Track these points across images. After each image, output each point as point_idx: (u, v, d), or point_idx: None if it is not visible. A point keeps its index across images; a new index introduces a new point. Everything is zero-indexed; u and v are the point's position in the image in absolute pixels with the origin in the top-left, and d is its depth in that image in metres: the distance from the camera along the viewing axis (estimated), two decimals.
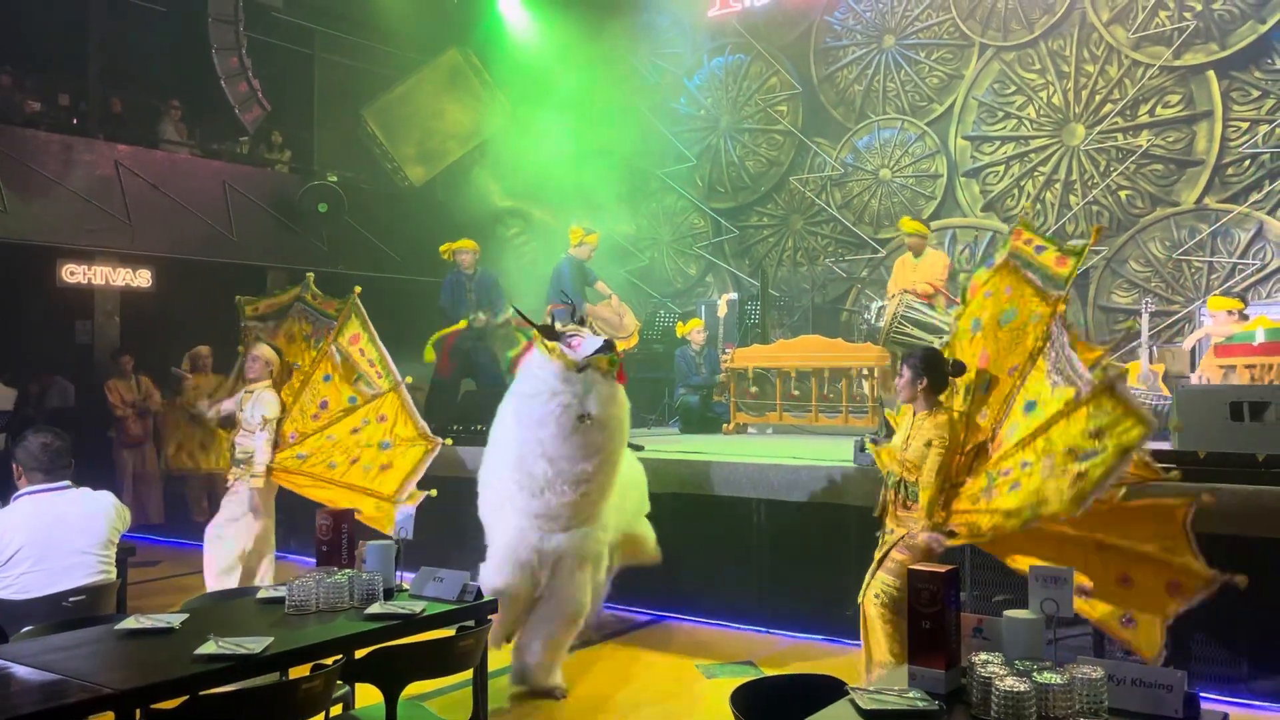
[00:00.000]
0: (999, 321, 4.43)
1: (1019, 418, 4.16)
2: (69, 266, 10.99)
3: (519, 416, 4.74)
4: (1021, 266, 4.44)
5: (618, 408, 4.70)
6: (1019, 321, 4.34)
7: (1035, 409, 4.08)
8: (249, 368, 6.31)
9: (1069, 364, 4.01)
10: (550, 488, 4.68)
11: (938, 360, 4.43)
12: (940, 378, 4.38)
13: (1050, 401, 4.01)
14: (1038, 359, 4.18)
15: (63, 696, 2.69)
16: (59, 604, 3.86)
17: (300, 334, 6.66)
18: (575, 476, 4.66)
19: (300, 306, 6.72)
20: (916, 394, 4.37)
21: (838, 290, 12.60)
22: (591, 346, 4.57)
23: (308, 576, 3.66)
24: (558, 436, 4.56)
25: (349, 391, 6.52)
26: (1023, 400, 4.17)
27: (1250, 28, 10.15)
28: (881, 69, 12.47)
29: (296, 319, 6.69)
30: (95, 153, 10.88)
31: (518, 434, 4.75)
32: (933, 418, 4.31)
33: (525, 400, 4.69)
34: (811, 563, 6.27)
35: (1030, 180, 11.41)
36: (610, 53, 13.40)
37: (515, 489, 4.80)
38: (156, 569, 8.22)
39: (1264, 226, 10.02)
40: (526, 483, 4.72)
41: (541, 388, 4.59)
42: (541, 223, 13.52)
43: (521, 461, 4.70)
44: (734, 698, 2.89)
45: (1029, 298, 4.33)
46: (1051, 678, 2.36)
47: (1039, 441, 3.99)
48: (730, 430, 9.43)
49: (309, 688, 2.97)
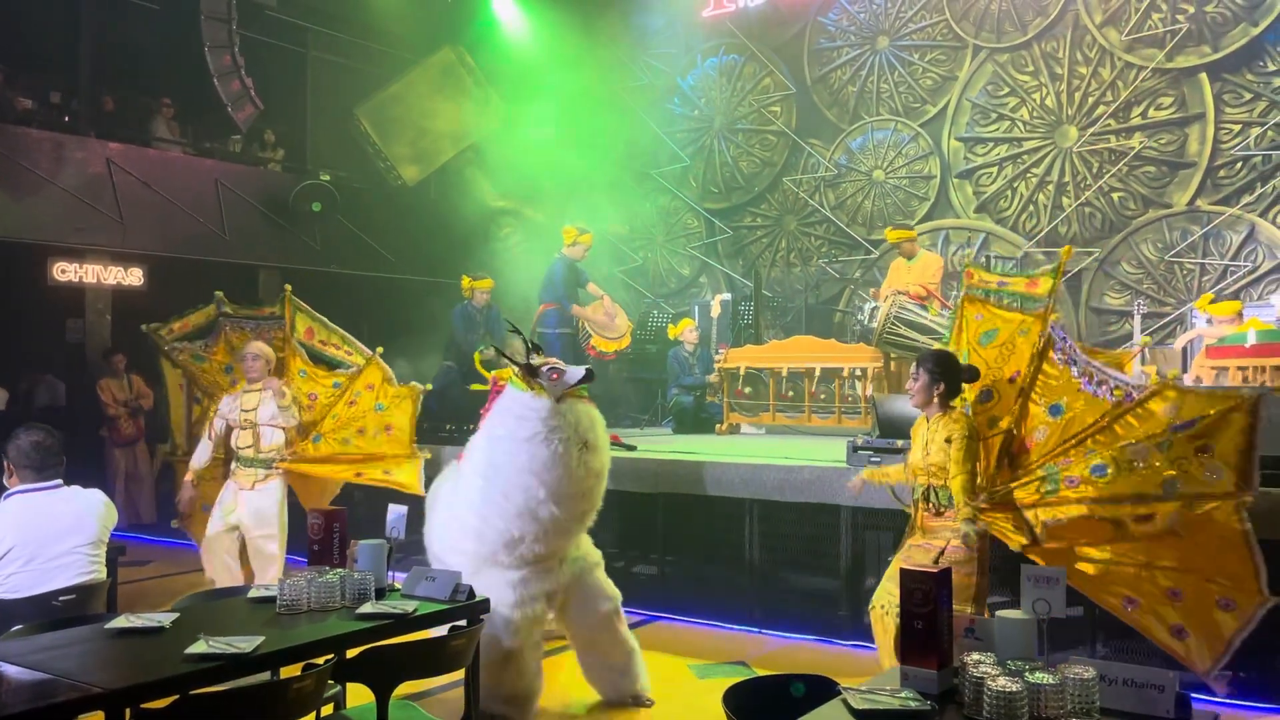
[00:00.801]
0: (978, 343, 4.54)
1: (1044, 419, 4.24)
2: (60, 265, 10.95)
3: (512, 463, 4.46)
4: (983, 297, 4.63)
5: (602, 427, 4.66)
6: (1002, 338, 4.45)
7: (1063, 412, 4.17)
8: (250, 368, 6.30)
9: (1100, 371, 4.11)
10: (556, 528, 4.51)
11: (953, 363, 4.35)
12: (956, 381, 4.32)
13: (1091, 402, 4.10)
14: (1042, 362, 4.27)
15: (52, 696, 2.68)
16: (49, 603, 3.84)
17: (241, 341, 6.80)
18: (584, 508, 4.59)
19: (227, 320, 6.89)
20: (933, 398, 4.28)
21: (831, 291, 12.62)
22: (574, 377, 4.49)
23: (299, 576, 3.65)
24: (564, 472, 4.42)
25: (330, 379, 6.72)
26: (1043, 404, 4.25)
27: (1243, 30, 10.18)
28: (875, 70, 12.49)
29: (233, 331, 6.88)
30: (87, 150, 10.84)
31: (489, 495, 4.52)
32: (947, 417, 4.24)
33: (521, 444, 4.44)
34: (804, 563, 6.27)
35: (1023, 182, 11.44)
36: (604, 52, 13.40)
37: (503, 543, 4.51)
38: (148, 569, 8.20)
39: (1255, 229, 10.06)
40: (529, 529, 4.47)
41: (539, 428, 4.42)
42: (534, 222, 13.51)
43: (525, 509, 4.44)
44: (726, 698, 2.89)
45: (1006, 316, 4.48)
46: (1043, 678, 2.37)
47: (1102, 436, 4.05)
48: (723, 431, 9.43)
49: (300, 687, 2.95)
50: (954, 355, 4.49)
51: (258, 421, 6.19)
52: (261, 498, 6.14)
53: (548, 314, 9.25)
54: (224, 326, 6.91)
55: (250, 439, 6.18)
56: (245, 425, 6.20)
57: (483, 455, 4.66)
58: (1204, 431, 3.80)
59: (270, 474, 6.19)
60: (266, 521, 6.11)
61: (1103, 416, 4.05)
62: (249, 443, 6.19)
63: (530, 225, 13.61)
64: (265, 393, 6.22)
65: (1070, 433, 4.15)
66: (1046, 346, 4.26)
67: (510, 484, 4.44)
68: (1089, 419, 4.10)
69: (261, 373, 6.26)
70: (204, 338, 6.89)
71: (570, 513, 4.51)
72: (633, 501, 6.66)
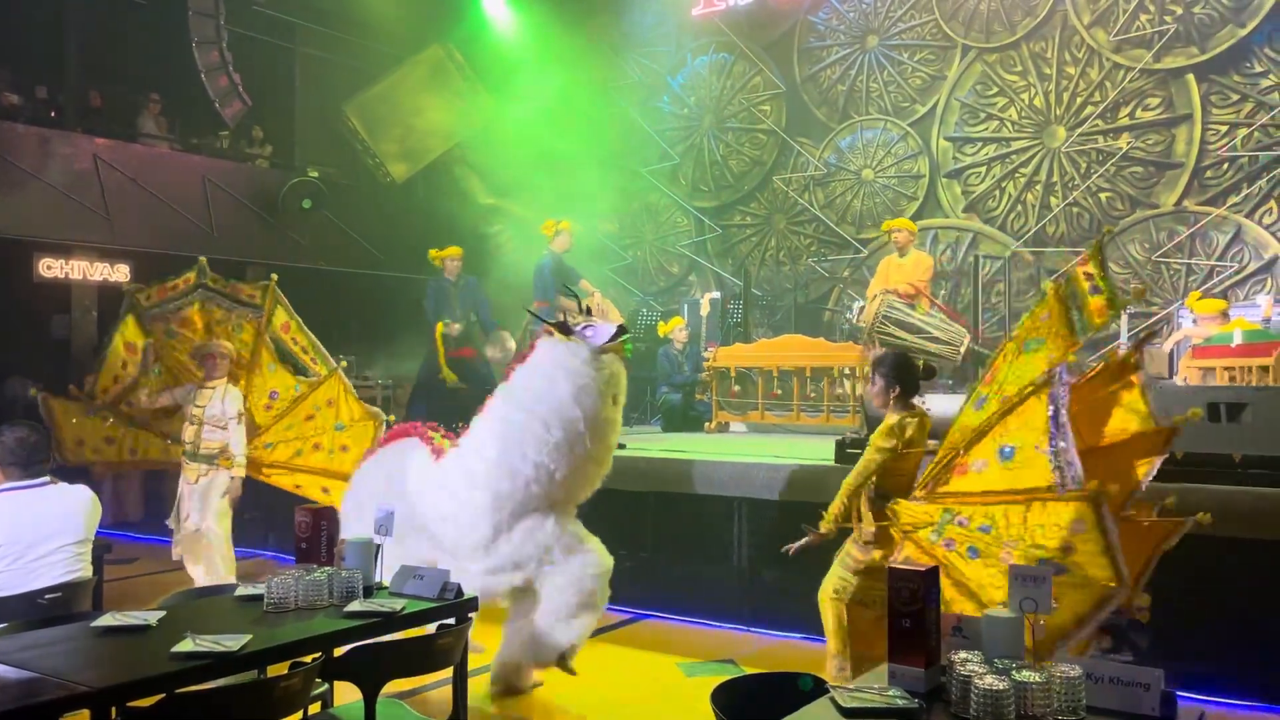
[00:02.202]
0: (1023, 346, 4.04)
1: (991, 456, 3.88)
2: (46, 261, 10.89)
3: (534, 408, 4.64)
4: (1069, 298, 4.00)
5: (624, 389, 4.83)
6: (1039, 352, 3.95)
7: (1012, 459, 3.79)
8: (216, 366, 6.48)
9: (1065, 442, 3.65)
10: (583, 469, 4.71)
11: (906, 364, 4.37)
12: (912, 382, 4.34)
13: (1033, 465, 3.71)
14: (1029, 400, 3.81)
15: (38, 694, 2.66)
16: (34, 601, 3.82)
17: (214, 320, 6.84)
18: (601, 458, 4.76)
19: (205, 293, 6.85)
20: (889, 401, 4.31)
21: (820, 290, 12.64)
22: (607, 333, 4.65)
23: (286, 574, 3.64)
24: (591, 420, 4.60)
25: (292, 380, 6.80)
26: (999, 441, 3.87)
27: (1230, 31, 10.23)
28: (864, 69, 12.51)
29: (205, 304, 6.85)
30: (73, 146, 10.79)
31: (530, 427, 4.64)
32: (887, 420, 4.26)
33: (563, 383, 4.60)
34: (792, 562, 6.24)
35: (1011, 182, 11.47)
36: (594, 50, 13.40)
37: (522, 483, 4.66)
38: (133, 566, 8.16)
39: (1242, 229, 10.11)
40: (563, 464, 4.64)
41: (583, 370, 4.59)
42: (523, 220, 13.49)
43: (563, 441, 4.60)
44: (715, 696, 2.89)
45: (1055, 334, 3.94)
46: (1030, 676, 2.38)
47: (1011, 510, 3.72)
48: (712, 429, 9.44)
49: (287, 686, 2.95)
50: (908, 357, 4.48)
51: (204, 420, 6.37)
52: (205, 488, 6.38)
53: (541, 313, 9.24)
54: (199, 299, 6.85)
55: (194, 435, 6.39)
56: (193, 421, 6.39)
57: (521, 394, 4.74)
58: (1063, 583, 3.44)
59: (212, 469, 6.39)
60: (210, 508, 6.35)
61: (1026, 492, 3.68)
62: (192, 439, 6.39)
63: (519, 223, 13.59)
64: (231, 390, 6.46)
65: (999, 487, 3.80)
66: (1044, 385, 3.77)
67: (552, 416, 4.57)
68: (1021, 485, 3.73)
69: (224, 371, 6.47)
70: (177, 303, 6.82)
71: (594, 456, 4.68)
72: (621, 499, 6.65)
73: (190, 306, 6.82)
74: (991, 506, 3.80)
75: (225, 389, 6.45)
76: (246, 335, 6.83)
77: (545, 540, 4.70)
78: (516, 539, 4.70)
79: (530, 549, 4.69)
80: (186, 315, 6.83)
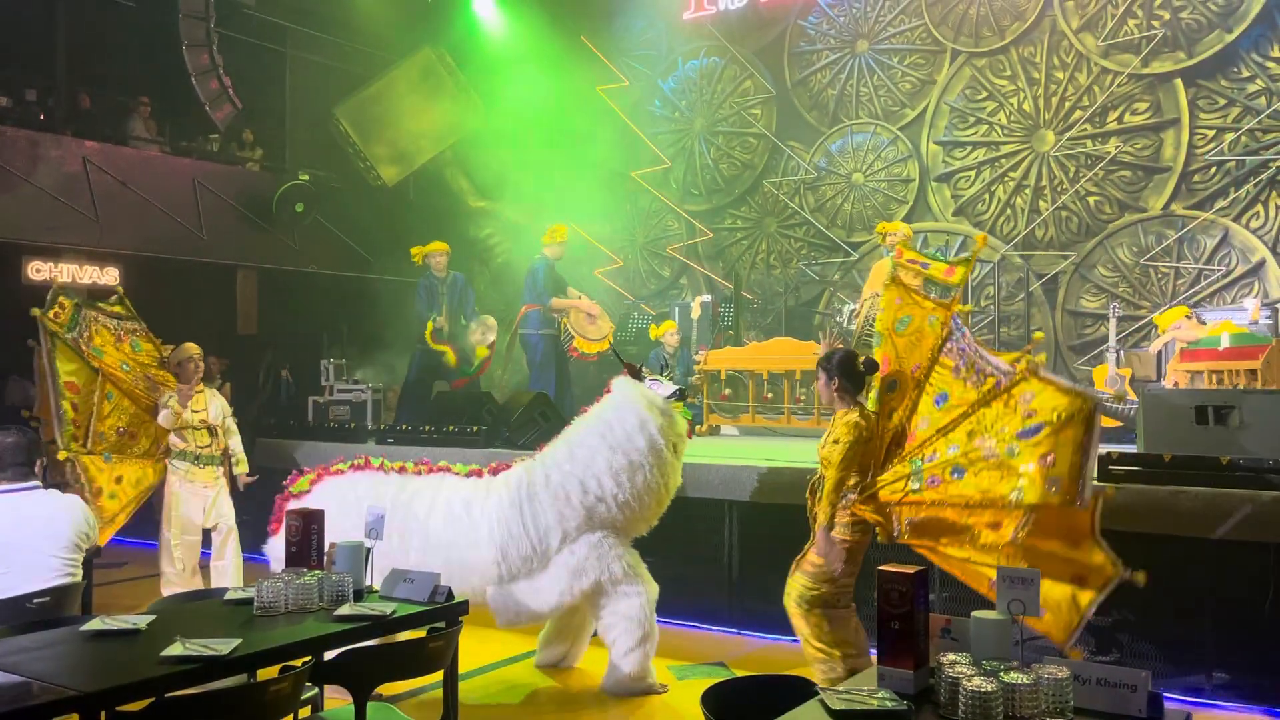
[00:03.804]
0: (894, 329, 4.57)
1: (929, 410, 4.27)
2: (35, 264, 10.84)
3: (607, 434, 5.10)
4: (909, 282, 4.65)
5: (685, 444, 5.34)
6: (914, 325, 4.47)
7: (948, 401, 4.19)
8: (196, 369, 6.55)
9: (981, 359, 4.12)
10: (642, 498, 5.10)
11: (847, 361, 4.53)
12: (852, 378, 4.48)
13: (966, 391, 4.13)
14: (939, 356, 4.30)
15: (27, 699, 2.66)
16: (23, 606, 3.81)
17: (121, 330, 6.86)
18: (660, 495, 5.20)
19: (88, 313, 6.77)
20: (833, 395, 4.50)
21: (811, 293, 12.66)
22: (667, 390, 5.20)
23: (277, 578, 3.64)
24: (655, 454, 5.07)
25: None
26: (931, 395, 4.28)
27: (1217, 36, 10.29)
28: (855, 74, 12.55)
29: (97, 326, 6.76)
30: (63, 149, 10.74)
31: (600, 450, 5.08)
32: (845, 416, 4.41)
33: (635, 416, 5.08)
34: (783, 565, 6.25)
35: (1001, 185, 11.52)
36: (584, 54, 13.40)
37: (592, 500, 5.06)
38: (123, 570, 8.14)
39: (1229, 233, 10.17)
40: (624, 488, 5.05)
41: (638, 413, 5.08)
42: (514, 223, 13.50)
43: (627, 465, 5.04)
44: (705, 699, 2.90)
45: (921, 303, 4.49)
46: (1018, 678, 2.39)
47: (966, 425, 4.10)
48: (703, 432, 9.44)
49: (277, 689, 2.95)
50: (849, 353, 4.67)
51: (211, 420, 6.48)
52: (222, 487, 6.58)
53: (530, 315, 9.26)
54: (89, 320, 6.72)
55: (208, 438, 6.48)
56: (199, 425, 6.44)
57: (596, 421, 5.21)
58: (1046, 440, 3.83)
59: (222, 468, 6.58)
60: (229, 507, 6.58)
61: (972, 405, 4.09)
62: (207, 442, 6.49)
63: (510, 226, 13.59)
64: (215, 394, 6.64)
65: (944, 421, 4.19)
66: (946, 339, 4.28)
67: (622, 443, 5.04)
68: (962, 409, 4.15)
69: (200, 373, 6.59)
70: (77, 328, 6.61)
71: (655, 491, 5.10)
72: None
73: (88, 327, 6.67)
74: (950, 433, 4.14)
75: (211, 392, 6.64)
76: (148, 346, 6.89)
77: (606, 554, 5.06)
78: (580, 550, 5.06)
79: (594, 560, 5.04)
80: (92, 335, 6.69)
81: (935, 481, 4.15)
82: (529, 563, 5.05)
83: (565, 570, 5.03)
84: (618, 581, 5.06)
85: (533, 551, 5.05)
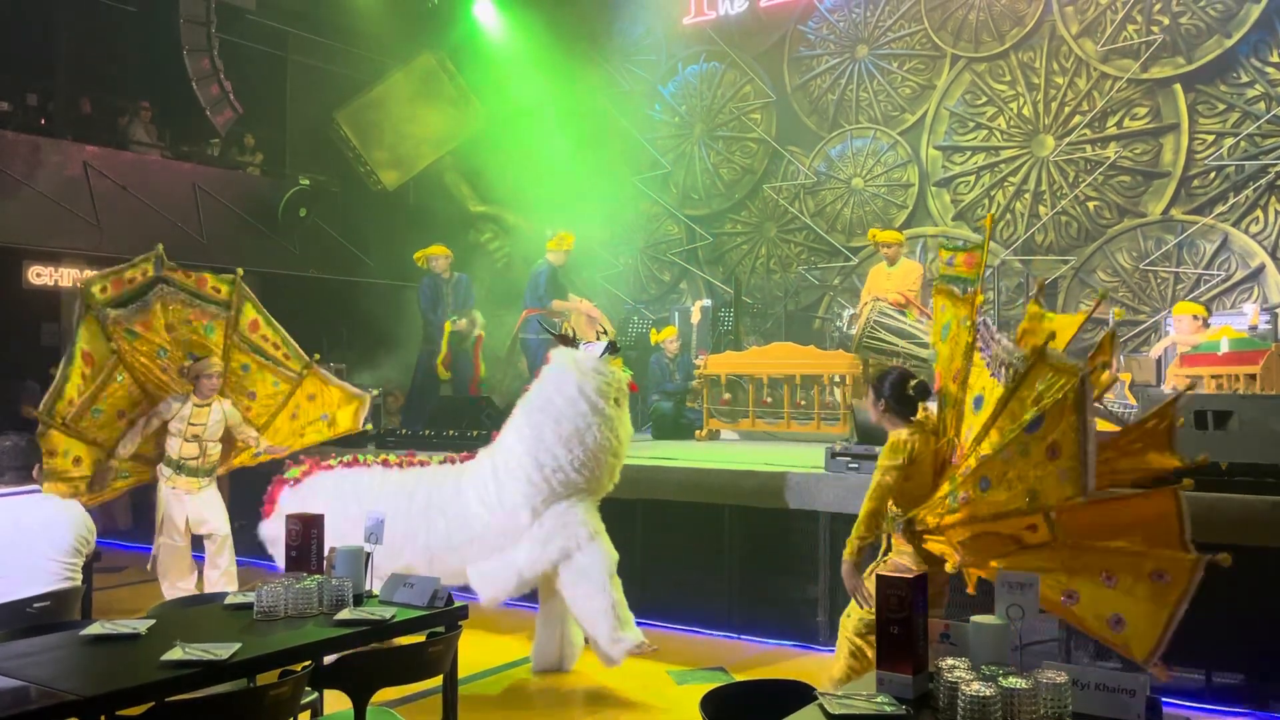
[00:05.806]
0: (940, 337, 4.38)
1: (971, 418, 3.99)
2: (35, 268, 10.85)
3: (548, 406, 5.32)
4: (945, 284, 4.39)
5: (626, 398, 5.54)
6: (953, 331, 4.24)
7: (983, 403, 3.90)
8: (212, 385, 6.52)
9: (1005, 351, 3.84)
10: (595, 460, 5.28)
11: (896, 381, 4.23)
12: (898, 398, 4.19)
13: (996, 388, 3.83)
14: (972, 354, 4.05)
15: (26, 703, 2.66)
16: (23, 610, 3.81)
17: (180, 320, 6.64)
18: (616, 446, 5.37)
19: (165, 289, 6.59)
20: (880, 416, 4.25)
21: (810, 298, 12.67)
22: (600, 348, 5.41)
23: (276, 582, 3.64)
24: (598, 412, 5.26)
25: (272, 377, 6.84)
26: (970, 399, 4.02)
27: (1216, 42, 10.30)
28: (854, 78, 12.56)
29: (167, 303, 6.60)
30: (63, 153, 10.76)
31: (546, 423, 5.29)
32: (892, 437, 4.14)
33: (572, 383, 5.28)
34: (782, 569, 6.29)
35: (1000, 190, 11.53)
36: (585, 58, 13.42)
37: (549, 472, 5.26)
38: (122, 575, 8.13)
39: (1228, 238, 10.18)
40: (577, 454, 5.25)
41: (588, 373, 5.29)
42: (515, 227, 13.51)
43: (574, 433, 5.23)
44: (704, 703, 2.90)
45: (953, 306, 4.29)
46: (1017, 682, 2.39)
47: (994, 428, 3.78)
48: (703, 436, 9.44)
49: (277, 694, 2.94)
50: (904, 373, 4.32)
51: (205, 437, 6.49)
52: (209, 496, 6.59)
53: (531, 320, 9.27)
54: (160, 295, 6.56)
55: (196, 450, 6.48)
56: (190, 438, 6.45)
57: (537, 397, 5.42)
58: (1048, 432, 3.52)
59: (210, 479, 6.61)
60: (219, 515, 6.58)
61: (999, 403, 3.77)
62: (194, 454, 6.48)
63: (510, 231, 13.61)
64: (226, 406, 6.59)
65: (979, 426, 3.88)
66: (975, 336, 4.01)
67: (565, 410, 5.25)
68: (991, 408, 3.83)
69: (217, 389, 6.56)
70: (136, 301, 6.48)
71: (609, 447, 5.29)
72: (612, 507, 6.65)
73: (150, 305, 6.52)
74: (983, 440, 3.86)
75: (220, 405, 6.59)
76: (216, 336, 6.72)
77: (572, 521, 5.29)
78: (548, 522, 5.30)
79: (559, 528, 5.28)
80: (146, 315, 6.51)
81: (965, 499, 3.85)
82: (503, 539, 5.36)
83: (536, 542, 5.31)
84: (582, 544, 5.29)
85: (504, 530, 5.35)
